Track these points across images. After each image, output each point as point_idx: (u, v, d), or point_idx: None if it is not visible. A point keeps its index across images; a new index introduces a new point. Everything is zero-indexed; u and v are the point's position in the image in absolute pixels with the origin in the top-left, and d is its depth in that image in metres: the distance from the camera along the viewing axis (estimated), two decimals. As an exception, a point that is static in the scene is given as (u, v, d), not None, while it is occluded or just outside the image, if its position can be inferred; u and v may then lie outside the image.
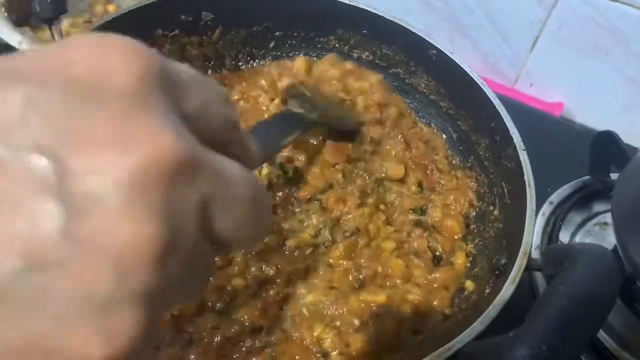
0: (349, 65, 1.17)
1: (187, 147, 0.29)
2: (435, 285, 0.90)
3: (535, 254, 1.02)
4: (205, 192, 0.29)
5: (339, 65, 1.16)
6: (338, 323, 0.82)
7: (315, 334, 0.81)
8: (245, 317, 0.80)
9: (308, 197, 0.95)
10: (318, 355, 0.79)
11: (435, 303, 0.88)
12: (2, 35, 1.11)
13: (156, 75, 0.29)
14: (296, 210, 0.94)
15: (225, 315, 0.81)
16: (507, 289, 0.72)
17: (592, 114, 1.44)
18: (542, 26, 1.36)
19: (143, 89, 0.28)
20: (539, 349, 0.53)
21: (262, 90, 1.13)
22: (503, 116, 0.93)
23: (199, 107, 0.33)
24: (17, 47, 1.09)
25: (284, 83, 1.14)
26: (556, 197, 1.17)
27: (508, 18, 1.39)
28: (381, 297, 0.86)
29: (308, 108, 0.94)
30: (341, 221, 0.93)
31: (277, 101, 1.12)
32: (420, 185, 1.02)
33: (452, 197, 1.01)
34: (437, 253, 0.96)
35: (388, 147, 1.05)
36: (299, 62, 1.17)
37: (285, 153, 0.97)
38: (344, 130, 1.03)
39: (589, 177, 1.18)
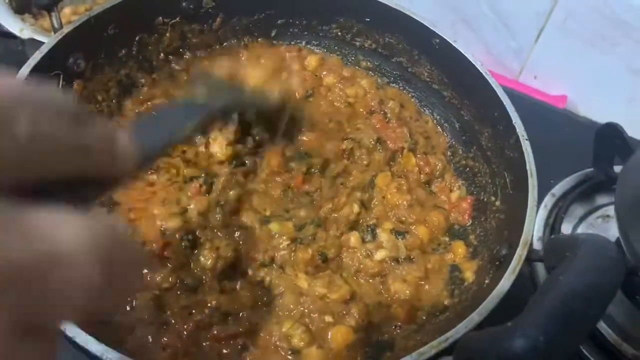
0: (346, 72, 1.17)
1: None
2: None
3: (537, 247, 1.02)
4: (23, 303, 0.24)
5: (336, 71, 1.17)
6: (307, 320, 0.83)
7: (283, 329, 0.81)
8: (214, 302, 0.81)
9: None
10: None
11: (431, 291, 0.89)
12: (2, 22, 1.10)
13: None
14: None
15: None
16: (507, 280, 0.72)
17: (596, 107, 1.43)
18: (547, 17, 1.35)
19: None
20: (536, 339, 0.53)
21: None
22: (506, 105, 0.93)
23: (25, 137, 0.27)
24: (18, 35, 1.09)
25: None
26: (559, 189, 1.16)
27: (513, 9, 1.38)
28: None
29: (216, 93, 0.83)
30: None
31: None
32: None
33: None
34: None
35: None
36: (313, 60, 1.17)
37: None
38: (274, 122, 0.96)
39: (592, 169, 1.17)
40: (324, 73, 1.16)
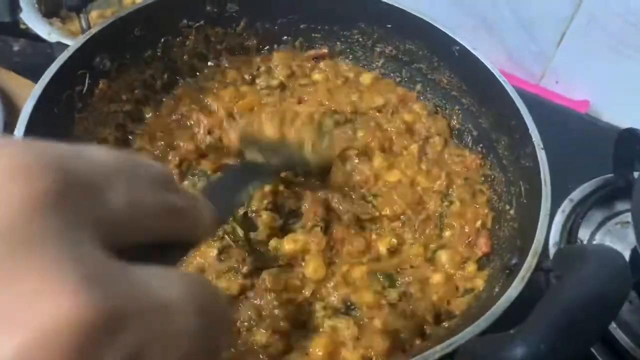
0: (400, 90, 1.17)
1: (98, 301, 0.23)
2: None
3: (553, 252, 1.02)
4: (133, 344, 0.24)
5: (391, 92, 1.16)
6: None
7: None
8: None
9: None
10: None
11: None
12: (32, 26, 1.13)
13: (51, 194, 0.24)
14: None
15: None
16: (515, 289, 0.72)
17: (619, 112, 1.42)
18: (570, 22, 1.35)
19: (30, 223, 0.23)
20: (536, 347, 0.54)
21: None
22: (523, 114, 0.92)
23: (124, 203, 0.28)
24: (46, 39, 1.12)
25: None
26: (577, 194, 1.16)
27: (535, 13, 1.38)
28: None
29: (268, 154, 0.85)
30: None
31: None
32: None
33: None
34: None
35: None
36: (367, 79, 1.18)
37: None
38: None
39: (612, 175, 1.17)
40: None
